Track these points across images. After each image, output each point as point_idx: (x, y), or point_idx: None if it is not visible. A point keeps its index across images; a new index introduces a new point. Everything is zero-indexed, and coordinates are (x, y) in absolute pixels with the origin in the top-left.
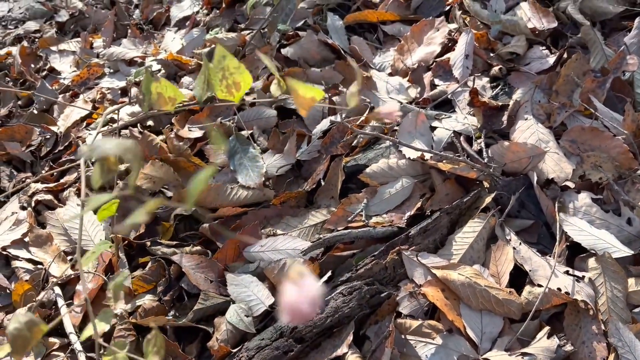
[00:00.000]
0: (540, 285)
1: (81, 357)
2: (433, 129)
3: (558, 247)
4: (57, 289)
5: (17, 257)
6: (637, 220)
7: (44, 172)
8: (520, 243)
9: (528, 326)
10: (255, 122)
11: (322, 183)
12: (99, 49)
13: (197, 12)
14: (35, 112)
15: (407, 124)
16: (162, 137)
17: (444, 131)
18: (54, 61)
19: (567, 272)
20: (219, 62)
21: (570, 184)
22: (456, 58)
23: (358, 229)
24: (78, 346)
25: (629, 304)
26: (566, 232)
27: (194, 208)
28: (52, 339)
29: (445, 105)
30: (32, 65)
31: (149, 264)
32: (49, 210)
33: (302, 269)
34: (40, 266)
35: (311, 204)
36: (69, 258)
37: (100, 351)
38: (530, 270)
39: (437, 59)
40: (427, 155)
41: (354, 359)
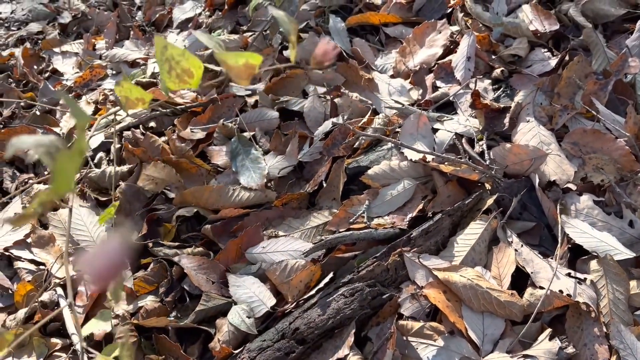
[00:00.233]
0: (542, 288)
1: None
2: (435, 130)
3: (560, 249)
4: (59, 290)
5: (19, 258)
6: (639, 223)
7: (46, 174)
8: (522, 245)
9: (530, 328)
10: (258, 124)
11: (324, 185)
12: (101, 50)
13: (200, 14)
14: (37, 113)
15: (409, 126)
16: (164, 139)
17: (446, 133)
18: (57, 62)
19: (568, 275)
20: (162, 53)
21: (572, 186)
22: (458, 60)
23: (360, 231)
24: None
25: (630, 306)
26: (568, 235)
27: (196, 209)
28: (54, 340)
29: (447, 107)
30: (35, 67)
31: (151, 265)
32: (52, 211)
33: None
34: (42, 267)
35: (313, 205)
36: (71, 259)
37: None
38: (532, 273)
39: (439, 61)
40: (429, 157)
41: None
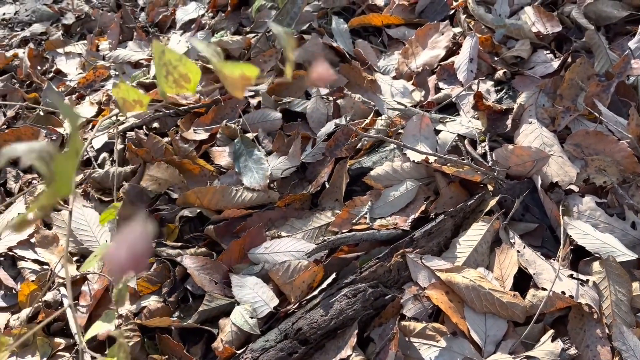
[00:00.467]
0: (544, 289)
1: (86, 358)
2: (437, 132)
3: (562, 250)
4: (62, 290)
5: (23, 258)
6: None
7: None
8: (524, 246)
9: (532, 329)
10: (260, 125)
11: (327, 185)
12: (105, 51)
13: (203, 15)
14: (41, 114)
15: (412, 127)
16: (167, 139)
17: (448, 134)
18: (60, 63)
19: (571, 276)
20: (160, 58)
21: (575, 188)
22: (460, 62)
23: (362, 232)
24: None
25: (633, 307)
26: (570, 236)
27: (199, 210)
28: (57, 339)
29: (450, 108)
30: (39, 67)
31: (154, 265)
32: (55, 212)
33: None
34: (46, 267)
35: (315, 206)
36: (75, 259)
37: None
38: (534, 274)
39: (442, 63)
40: (432, 159)
41: None
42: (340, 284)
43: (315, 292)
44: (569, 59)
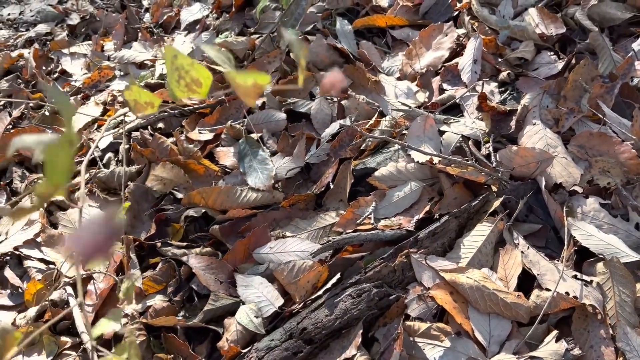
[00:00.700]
0: (548, 289)
1: (93, 356)
2: (441, 133)
3: (566, 251)
4: (68, 289)
5: (29, 257)
6: None
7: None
8: (528, 247)
9: (536, 330)
10: (265, 125)
11: (331, 186)
12: (109, 51)
13: (207, 16)
14: (47, 113)
15: (416, 128)
16: (172, 140)
17: (453, 135)
18: (65, 64)
19: (575, 277)
20: (172, 63)
21: (579, 189)
22: (464, 63)
23: (367, 232)
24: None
25: (637, 308)
26: (574, 237)
27: (204, 210)
28: (63, 338)
29: (454, 109)
30: (44, 68)
31: (160, 265)
32: (61, 211)
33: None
34: (52, 266)
35: (320, 206)
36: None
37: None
38: (538, 274)
39: (446, 64)
40: (436, 159)
41: None
42: (344, 284)
43: (320, 292)
44: (573, 61)
